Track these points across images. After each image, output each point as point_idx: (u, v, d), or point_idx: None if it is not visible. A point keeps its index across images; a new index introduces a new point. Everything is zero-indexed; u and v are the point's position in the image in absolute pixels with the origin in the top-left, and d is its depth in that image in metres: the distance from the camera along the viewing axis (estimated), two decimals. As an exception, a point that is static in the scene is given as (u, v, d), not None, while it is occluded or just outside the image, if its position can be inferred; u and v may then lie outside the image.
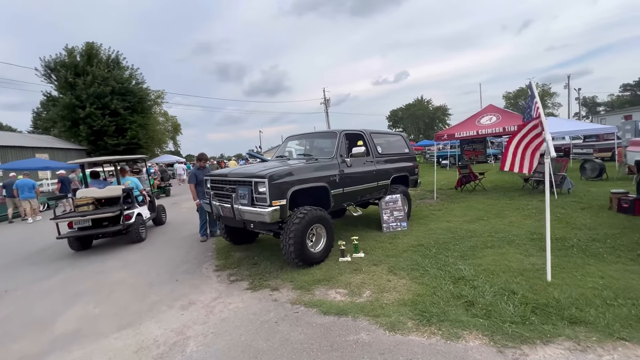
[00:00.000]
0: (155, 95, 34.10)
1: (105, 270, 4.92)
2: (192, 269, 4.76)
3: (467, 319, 2.70)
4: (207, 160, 6.49)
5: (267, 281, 4.02)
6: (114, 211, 6.07)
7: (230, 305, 3.47)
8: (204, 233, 6.38)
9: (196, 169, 6.37)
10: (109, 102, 25.66)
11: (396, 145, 6.79)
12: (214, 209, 4.83)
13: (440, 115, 61.23)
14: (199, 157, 6.47)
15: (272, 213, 3.96)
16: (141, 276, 4.59)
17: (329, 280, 3.85)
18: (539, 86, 58.87)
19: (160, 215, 8.23)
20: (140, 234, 6.50)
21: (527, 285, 3.24)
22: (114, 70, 27.69)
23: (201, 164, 6.38)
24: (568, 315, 2.62)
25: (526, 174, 6.36)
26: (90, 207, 6.16)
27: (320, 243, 4.57)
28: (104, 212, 6.07)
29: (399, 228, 5.91)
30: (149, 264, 5.16)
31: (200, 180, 5.93)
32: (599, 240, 4.52)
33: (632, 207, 5.74)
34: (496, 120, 8.89)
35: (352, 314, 2.97)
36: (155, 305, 3.61)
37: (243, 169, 4.96)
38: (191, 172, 6.29)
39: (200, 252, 5.58)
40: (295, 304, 3.31)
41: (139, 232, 6.48)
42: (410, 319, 2.80)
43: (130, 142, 27.22)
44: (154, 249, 6.01)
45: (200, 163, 6.40)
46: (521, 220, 5.99)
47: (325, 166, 4.89)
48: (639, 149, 6.32)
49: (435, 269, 3.87)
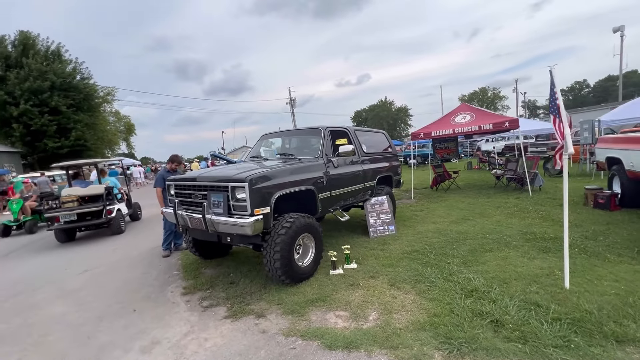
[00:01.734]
0: (104, 92, 31.05)
1: (38, 302, 3.91)
2: (154, 294, 3.93)
3: (503, 345, 2.28)
4: (180, 164, 5.66)
5: (250, 305, 3.35)
6: (97, 206, 6.96)
7: (207, 342, 2.77)
8: (168, 247, 5.51)
9: (165, 171, 5.55)
10: (49, 98, 22.76)
11: (379, 143, 6.39)
12: (179, 219, 4.04)
13: (403, 116, 63.18)
14: (171, 158, 5.64)
15: (254, 224, 3.30)
16: (85, 308, 3.67)
17: (324, 300, 3.28)
18: (490, 89, 63.11)
19: (136, 211, 9.08)
20: (120, 226, 7.44)
21: (547, 295, 2.93)
22: (53, 63, 24.66)
23: (172, 167, 5.54)
24: (610, 331, 2.31)
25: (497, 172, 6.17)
26: (75, 204, 6.95)
27: (308, 255, 3.98)
28: (89, 207, 6.94)
29: (387, 232, 5.50)
30: (96, 289, 4.21)
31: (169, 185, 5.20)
32: (591, 238, 4.44)
33: (608, 202, 5.86)
34: (470, 119, 8.89)
35: (364, 347, 2.43)
36: (104, 350, 2.79)
37: (216, 171, 4.22)
38: (158, 175, 5.52)
39: (163, 271, 4.72)
40: (290, 336, 2.70)
41: (119, 225, 7.41)
42: (436, 349, 2.32)
43: (76, 143, 24.37)
44: (104, 271, 5.02)
45: (172, 165, 5.55)
46: (507, 219, 5.87)
47: (310, 167, 4.32)
48: (608, 145, 6.53)
49: (442, 279, 3.47)
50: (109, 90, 31.51)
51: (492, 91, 62.60)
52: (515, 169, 9.23)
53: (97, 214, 7.00)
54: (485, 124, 8.37)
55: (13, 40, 24.01)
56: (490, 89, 62.98)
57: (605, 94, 54.74)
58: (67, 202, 6.92)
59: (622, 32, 22.92)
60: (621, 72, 24.49)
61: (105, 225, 7.31)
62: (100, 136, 28.76)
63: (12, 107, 21.81)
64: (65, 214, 6.70)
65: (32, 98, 22.28)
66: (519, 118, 8.63)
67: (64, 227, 6.76)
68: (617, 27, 22.89)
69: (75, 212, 6.75)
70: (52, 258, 5.96)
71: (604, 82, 58.44)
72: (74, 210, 6.77)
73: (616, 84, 29.33)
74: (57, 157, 24.11)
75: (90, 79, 27.10)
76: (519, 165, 9.09)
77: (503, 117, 8.95)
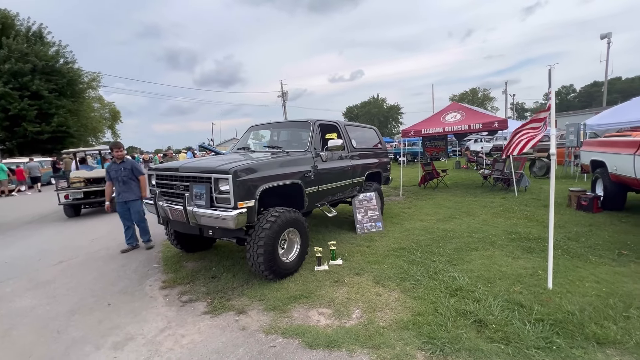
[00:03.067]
0: (89, 78, 30.01)
1: (6, 295, 3.71)
2: (132, 287, 3.78)
3: (486, 345, 2.25)
4: (121, 150, 5.03)
5: (231, 301, 3.25)
6: (102, 186, 7.88)
7: (184, 338, 2.66)
8: (131, 240, 5.21)
9: (112, 163, 5.11)
10: (29, 82, 21.85)
11: (369, 139, 6.32)
12: (160, 211, 3.89)
13: (394, 114, 63.38)
14: (112, 145, 5.08)
15: (237, 217, 3.18)
16: (57, 301, 3.50)
17: (307, 297, 3.21)
18: (480, 90, 63.92)
19: None
20: None
21: (531, 295, 2.93)
22: (35, 45, 23.64)
23: (117, 155, 4.99)
24: (591, 333, 2.31)
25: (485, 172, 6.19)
26: (82, 184, 8.18)
27: (293, 250, 3.90)
28: (94, 187, 8.12)
29: (374, 229, 5.46)
30: (70, 281, 4.04)
31: (114, 177, 4.98)
32: (574, 239, 4.49)
33: (591, 205, 5.96)
34: (461, 118, 8.92)
35: (345, 346, 2.37)
36: (74, 346, 2.65)
37: (199, 162, 4.07)
38: (106, 168, 5.12)
39: (142, 264, 4.56)
40: (271, 333, 2.62)
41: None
42: (418, 349, 2.28)
43: (57, 129, 23.53)
44: (80, 262, 4.83)
45: (116, 153, 4.99)
46: (493, 219, 5.91)
47: (298, 160, 4.21)
48: (593, 149, 6.64)
49: (427, 277, 3.44)
50: (94, 76, 30.50)
51: (483, 92, 63.44)
52: (503, 169, 9.33)
53: (101, 193, 8.03)
54: (475, 123, 8.41)
55: (-9, 19, 22.90)
56: (480, 89, 63.81)
57: (590, 99, 56.16)
58: (75, 183, 8.18)
59: (609, 39, 23.41)
60: (606, 78, 25.08)
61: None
62: (83, 123, 27.88)
63: (-11, 89, 20.87)
64: (74, 192, 7.96)
65: (12, 81, 21.36)
66: (507, 119, 8.69)
67: (72, 203, 8.01)
68: (605, 34, 23.34)
69: (82, 190, 8.03)
70: (25, 248, 5.70)
71: (590, 88, 59.89)
72: (81, 189, 8.02)
73: (601, 89, 30.07)
74: (38, 142, 23.30)
75: (74, 63, 26.18)
76: (506, 165, 9.19)
77: (493, 117, 9.01)
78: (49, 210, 9.56)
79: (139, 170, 5.09)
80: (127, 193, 4.97)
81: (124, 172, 4.94)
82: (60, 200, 7.95)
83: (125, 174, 4.94)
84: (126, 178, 4.94)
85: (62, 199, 7.94)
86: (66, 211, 8.17)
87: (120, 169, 4.96)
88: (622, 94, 38.18)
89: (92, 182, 8.45)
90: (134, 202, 5.01)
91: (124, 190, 4.96)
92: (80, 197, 8.04)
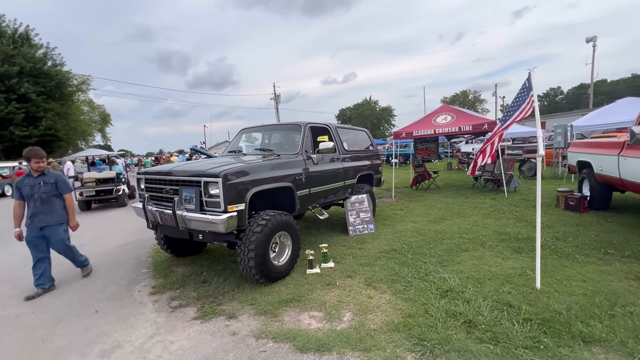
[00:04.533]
0: (79, 80, 29.58)
1: None
2: (120, 293, 3.72)
3: (475, 346, 2.27)
4: (42, 160, 3.79)
5: (221, 305, 3.22)
6: (110, 186, 9.69)
7: (173, 345, 2.62)
8: (42, 281, 3.81)
9: (24, 176, 3.85)
10: (16, 84, 21.43)
11: (361, 141, 6.35)
12: (149, 215, 3.84)
13: (387, 116, 63.86)
14: (30, 154, 3.73)
15: (227, 221, 3.16)
16: (42, 309, 3.42)
17: (298, 300, 3.19)
18: (470, 92, 64.78)
19: (133, 191, 11.01)
20: (125, 201, 9.96)
21: (520, 295, 2.96)
22: (22, 47, 23.23)
23: (36, 167, 3.74)
24: (577, 332, 2.34)
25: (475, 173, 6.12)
26: (93, 184, 9.72)
27: (284, 254, 3.88)
28: (105, 186, 9.69)
29: (366, 231, 5.47)
30: (56, 288, 3.95)
31: (27, 195, 3.73)
32: (561, 239, 4.56)
33: (578, 205, 6.07)
34: (451, 120, 9.03)
35: (336, 349, 2.36)
36: (59, 355, 2.59)
37: (189, 165, 4.03)
38: (16, 183, 3.85)
39: (131, 269, 4.49)
40: (261, 338, 2.60)
41: (124, 199, 9.95)
42: (409, 351, 2.28)
43: (46, 133, 23.12)
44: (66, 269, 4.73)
45: (35, 165, 3.73)
46: (483, 220, 5.98)
47: (289, 163, 4.21)
48: (580, 150, 6.77)
49: (418, 279, 3.46)
50: (84, 79, 30.08)
51: (473, 94, 64.31)
52: (493, 170, 9.46)
53: (109, 192, 9.67)
54: (465, 125, 8.52)
55: (-24, 20, 22.45)
56: (471, 92, 64.68)
57: (577, 101, 57.37)
58: (88, 182, 9.77)
59: (594, 43, 23.99)
60: (592, 80, 25.68)
61: (114, 200, 9.84)
62: (72, 126, 27.44)
63: (-26, 92, 20.43)
64: (87, 190, 9.48)
65: (-2, 83, 20.94)
66: (497, 120, 8.82)
67: (85, 199, 9.45)
68: (590, 38, 23.92)
69: (94, 189, 9.54)
70: (8, 254, 5.56)
71: (577, 90, 61.22)
72: (93, 188, 9.55)
73: (587, 91, 30.79)
74: (25, 146, 22.78)
75: (62, 66, 25.80)
76: (496, 167, 9.32)
77: (482, 118, 9.13)
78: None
79: (67, 186, 3.98)
80: (45, 215, 3.76)
81: (44, 187, 3.75)
82: (76, 197, 8.78)
83: (46, 190, 3.76)
84: (46, 195, 3.75)
85: (78, 196, 9.15)
86: (80, 206, 9.35)
87: (37, 184, 3.73)
88: (608, 96, 39.12)
89: (102, 181, 10.00)
90: (54, 227, 3.83)
91: (41, 212, 3.73)
92: (92, 195, 9.58)
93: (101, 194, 9.68)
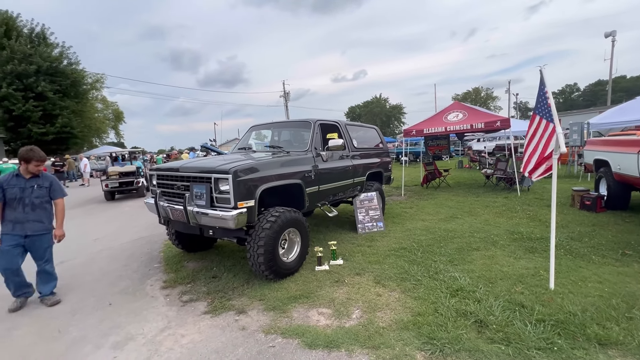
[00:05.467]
0: (93, 79, 30.20)
1: (7, 295, 3.72)
2: (133, 287, 3.79)
3: (486, 346, 2.23)
4: (42, 161, 3.35)
5: (231, 301, 3.25)
6: (131, 179, 11.10)
7: (183, 338, 2.66)
8: (20, 292, 3.38)
9: (11, 176, 3.30)
10: (34, 83, 22.01)
11: (371, 139, 6.31)
12: (161, 211, 3.90)
13: (397, 114, 63.23)
14: (28, 155, 3.23)
15: (237, 217, 3.19)
16: (59, 300, 3.52)
17: (307, 297, 3.20)
18: (483, 89, 63.58)
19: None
20: (144, 192, 11.10)
21: (532, 296, 2.90)
22: (39, 46, 23.81)
23: (33, 170, 3.28)
24: (593, 334, 2.28)
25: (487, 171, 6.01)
26: (117, 177, 11.26)
27: (293, 250, 3.90)
28: (127, 179, 11.10)
29: (375, 229, 5.44)
30: (71, 281, 4.06)
31: (15, 198, 3.24)
32: (576, 239, 4.45)
33: (594, 204, 5.91)
34: (463, 117, 8.88)
35: (345, 346, 2.36)
36: (75, 345, 2.66)
37: (199, 162, 4.08)
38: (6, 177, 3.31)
39: (143, 264, 4.58)
40: (270, 334, 2.62)
41: (143, 190, 11.17)
42: (418, 350, 2.27)
43: (62, 130, 23.69)
44: (82, 262, 4.85)
45: (35, 167, 3.29)
46: (495, 219, 5.88)
47: (298, 160, 4.21)
48: (597, 148, 6.58)
49: (427, 278, 3.42)
50: (98, 77, 30.70)
51: (485, 91, 63.09)
52: (505, 168, 9.28)
53: (130, 184, 11.06)
54: (477, 122, 8.37)
55: (-5, 20, 23.06)
56: (483, 89, 63.47)
57: (594, 97, 55.73)
58: (112, 175, 11.36)
59: (613, 37, 23.20)
60: (611, 76, 24.87)
61: (134, 190, 11.27)
62: (87, 124, 28.06)
63: (-7, 90, 21.04)
64: (111, 182, 10.90)
65: (16, 82, 21.52)
66: (510, 118, 8.65)
67: (110, 190, 10.86)
68: (609, 32, 23.14)
69: (117, 181, 11.00)
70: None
71: (594, 87, 59.41)
72: (117, 180, 11.03)
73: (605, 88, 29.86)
74: (42, 143, 23.41)
75: (78, 65, 26.34)
76: (509, 165, 9.14)
77: (495, 116, 8.96)
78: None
79: (61, 191, 3.54)
80: (35, 223, 3.32)
81: (38, 191, 3.33)
82: (102, 188, 10.89)
83: (39, 195, 3.34)
84: (39, 201, 3.34)
85: (103, 187, 10.79)
86: (105, 196, 10.98)
87: (30, 187, 3.28)
88: (627, 93, 37.86)
89: (124, 175, 11.46)
90: (42, 236, 3.40)
91: (31, 219, 3.29)
92: (116, 186, 10.96)
93: (123, 186, 11.05)
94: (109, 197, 10.97)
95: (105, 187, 10.78)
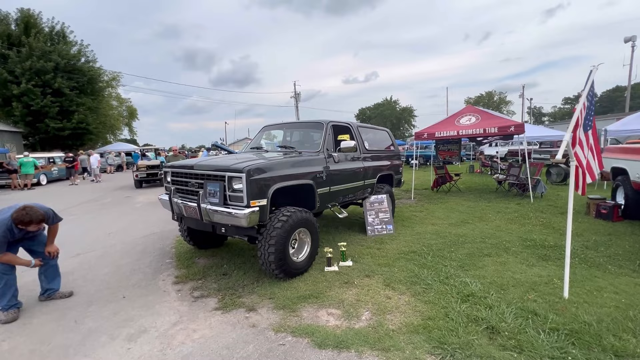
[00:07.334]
0: (109, 77, 30.87)
1: (27, 284, 3.84)
2: (145, 281, 3.87)
3: (498, 353, 2.21)
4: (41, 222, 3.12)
5: (241, 298, 3.29)
6: (156, 171, 13.34)
7: (195, 333, 2.71)
8: (8, 305, 3.04)
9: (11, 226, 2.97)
10: (52, 80, 22.59)
11: (382, 141, 6.30)
12: (175, 207, 3.97)
13: (407, 117, 62.80)
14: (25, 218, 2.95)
15: (249, 215, 3.22)
16: (75, 292, 3.61)
17: (317, 297, 3.22)
18: (496, 93, 62.67)
19: None
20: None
21: (546, 304, 2.86)
22: (58, 44, 24.46)
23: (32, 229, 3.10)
24: (609, 345, 2.24)
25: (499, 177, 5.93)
26: (145, 169, 13.50)
27: (303, 250, 3.92)
28: (152, 171, 13.43)
29: (385, 231, 5.43)
30: (87, 273, 4.16)
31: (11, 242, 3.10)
32: (592, 248, 4.36)
33: (610, 213, 5.77)
34: (476, 121, 8.78)
35: (354, 347, 2.36)
36: (91, 336, 2.73)
37: (214, 160, 4.14)
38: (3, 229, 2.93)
39: (156, 259, 4.66)
40: (280, 332, 2.64)
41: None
42: (428, 354, 2.26)
43: (78, 126, 24.27)
44: (96, 255, 4.97)
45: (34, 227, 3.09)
46: (507, 225, 5.80)
47: (310, 161, 4.23)
48: (614, 155, 6.43)
49: (438, 282, 3.40)
50: (114, 76, 31.37)
51: (499, 95, 62.19)
52: (518, 174, 9.14)
53: (155, 175, 13.34)
54: (490, 127, 8.26)
55: (15, 18, 23.76)
56: (496, 93, 62.57)
57: (611, 104, 54.29)
58: (141, 168, 13.59)
59: (633, 42, 22.61)
60: (630, 82, 24.22)
61: (158, 181, 13.32)
62: (102, 120, 28.67)
63: (13, 85, 21.66)
64: (140, 173, 13.32)
65: (35, 78, 22.13)
66: (524, 123, 8.51)
67: (139, 179, 13.27)
68: (629, 37, 22.55)
69: (145, 172, 13.37)
70: (46, 239, 5.91)
71: (612, 93, 57.87)
72: (145, 172, 13.38)
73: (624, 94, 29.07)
74: (59, 138, 24.09)
75: (95, 62, 26.94)
76: (522, 171, 9.00)
77: (509, 120, 8.84)
78: (71, 203, 9.88)
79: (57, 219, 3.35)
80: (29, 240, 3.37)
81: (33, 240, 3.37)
82: (133, 177, 13.57)
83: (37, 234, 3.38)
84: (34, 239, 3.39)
85: (134, 177, 13.36)
86: (135, 184, 13.41)
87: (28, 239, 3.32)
88: (646, 99, 36.78)
89: (150, 167, 13.65)
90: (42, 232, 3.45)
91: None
92: (144, 176, 13.32)
93: (150, 176, 13.44)
94: (138, 185, 13.38)
95: (136, 177, 13.38)
